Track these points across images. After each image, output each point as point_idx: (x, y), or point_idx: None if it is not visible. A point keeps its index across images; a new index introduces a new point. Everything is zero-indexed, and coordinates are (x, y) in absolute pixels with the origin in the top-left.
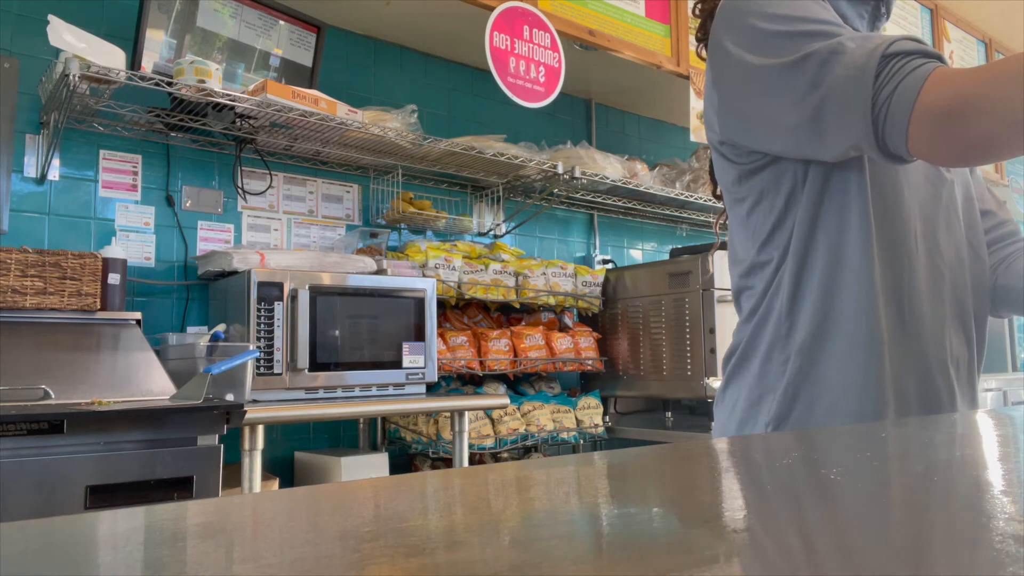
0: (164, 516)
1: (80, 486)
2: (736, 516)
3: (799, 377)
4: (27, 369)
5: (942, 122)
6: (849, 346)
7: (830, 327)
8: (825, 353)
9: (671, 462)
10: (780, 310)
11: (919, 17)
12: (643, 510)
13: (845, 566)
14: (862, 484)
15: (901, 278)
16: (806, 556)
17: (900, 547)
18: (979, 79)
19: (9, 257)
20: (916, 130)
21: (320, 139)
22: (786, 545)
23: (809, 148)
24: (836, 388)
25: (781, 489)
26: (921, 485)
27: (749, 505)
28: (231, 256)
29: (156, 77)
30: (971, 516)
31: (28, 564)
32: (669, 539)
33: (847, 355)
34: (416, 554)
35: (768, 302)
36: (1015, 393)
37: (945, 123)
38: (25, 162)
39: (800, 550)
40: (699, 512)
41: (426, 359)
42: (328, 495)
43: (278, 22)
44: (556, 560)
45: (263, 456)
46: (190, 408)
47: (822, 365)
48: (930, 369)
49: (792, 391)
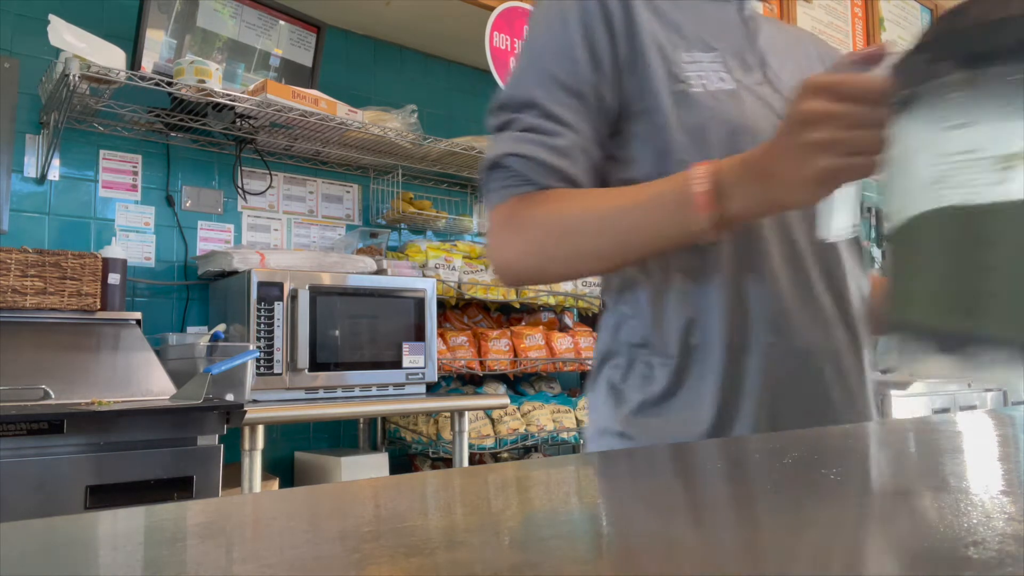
0: (164, 516)
1: (80, 486)
2: (753, 517)
3: (667, 379)
4: (27, 369)
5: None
6: (709, 347)
7: (692, 329)
8: (688, 356)
9: (661, 463)
10: (642, 307)
11: (919, 17)
12: (640, 510)
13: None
14: (861, 484)
15: (761, 270)
16: (790, 554)
17: (900, 546)
18: (532, 238)
19: (9, 257)
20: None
21: (320, 139)
22: (770, 541)
23: None
24: (695, 391)
25: (785, 488)
26: (922, 484)
27: (757, 501)
28: (231, 256)
29: (156, 77)
30: (971, 516)
31: (28, 564)
32: (666, 538)
33: (709, 357)
34: (416, 554)
35: (631, 298)
36: (1015, 393)
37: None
38: (25, 162)
39: (796, 549)
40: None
41: (426, 359)
42: (328, 495)
43: (278, 22)
44: (556, 560)
45: (263, 456)
46: (190, 408)
47: (685, 369)
48: (807, 366)
49: (658, 389)
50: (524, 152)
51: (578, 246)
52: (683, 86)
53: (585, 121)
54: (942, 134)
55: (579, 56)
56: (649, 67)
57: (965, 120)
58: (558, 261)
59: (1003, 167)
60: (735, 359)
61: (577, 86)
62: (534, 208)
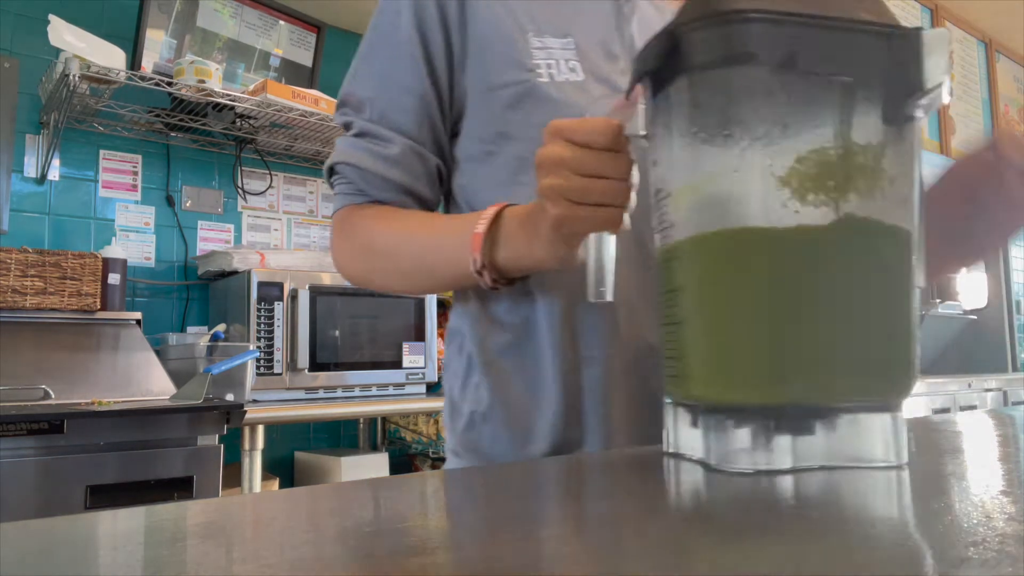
0: (164, 516)
1: (80, 486)
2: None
3: (491, 384)
4: (27, 369)
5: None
6: (541, 357)
7: (523, 333)
8: (516, 361)
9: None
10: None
11: (919, 17)
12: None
13: (842, 566)
14: (862, 484)
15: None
16: (788, 553)
17: (899, 547)
18: (356, 248)
19: (9, 257)
20: None
21: (320, 139)
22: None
23: None
24: (524, 403)
25: (786, 487)
26: (922, 484)
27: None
28: (231, 256)
29: (156, 77)
30: (971, 516)
31: (28, 564)
32: (660, 537)
33: (541, 366)
34: (416, 554)
35: (462, 307)
36: (1015, 393)
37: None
38: (25, 162)
39: (791, 548)
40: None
41: (426, 359)
42: (328, 495)
43: (278, 22)
44: (556, 560)
45: (263, 456)
46: (190, 408)
47: (509, 381)
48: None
49: (484, 397)
50: (356, 162)
51: (388, 267)
52: (529, 76)
53: (422, 124)
54: (703, 149)
55: (414, 53)
56: (487, 60)
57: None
58: (376, 275)
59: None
60: (570, 370)
61: (413, 86)
62: (362, 220)
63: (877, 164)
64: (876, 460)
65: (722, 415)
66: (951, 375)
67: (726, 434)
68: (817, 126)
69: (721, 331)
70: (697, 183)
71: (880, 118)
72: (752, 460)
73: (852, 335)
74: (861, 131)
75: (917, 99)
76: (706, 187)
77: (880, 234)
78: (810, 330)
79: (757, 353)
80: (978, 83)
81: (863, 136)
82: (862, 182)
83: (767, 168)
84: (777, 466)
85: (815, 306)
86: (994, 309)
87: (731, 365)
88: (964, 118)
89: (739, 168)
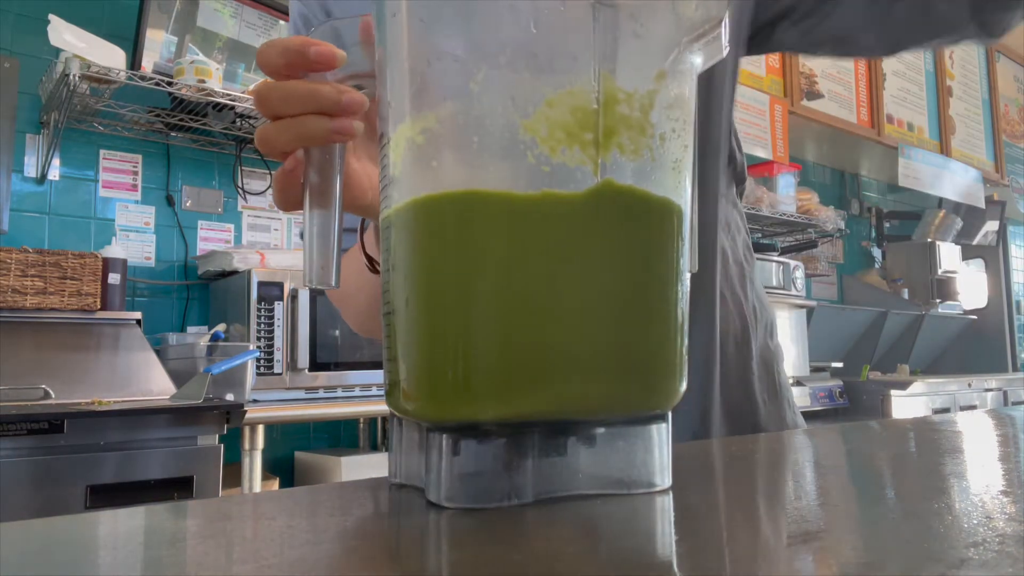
0: (164, 516)
1: (80, 486)
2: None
3: None
4: (27, 369)
5: None
6: None
7: None
8: None
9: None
10: None
11: None
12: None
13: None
14: (862, 484)
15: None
16: (782, 546)
17: (901, 547)
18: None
19: (9, 257)
20: None
21: None
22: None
23: None
24: None
25: (786, 486)
26: (922, 484)
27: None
28: (231, 256)
29: (156, 77)
30: (971, 516)
31: (28, 564)
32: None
33: None
34: (416, 554)
35: None
36: (1015, 393)
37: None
38: (25, 162)
39: (788, 549)
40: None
41: None
42: (328, 495)
43: (278, 22)
44: (556, 560)
45: (263, 456)
46: (190, 408)
47: None
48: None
49: None
50: None
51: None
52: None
53: None
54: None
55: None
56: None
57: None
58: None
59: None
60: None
61: None
62: None
63: (645, 117)
64: (640, 484)
65: (449, 434)
66: (951, 375)
67: (449, 460)
68: (575, 59)
69: (440, 326)
70: (419, 122)
71: (649, 56)
72: (486, 493)
73: (608, 332)
74: (627, 73)
75: (691, 41)
76: (430, 127)
77: (645, 209)
78: (555, 327)
79: (487, 355)
80: (978, 83)
81: (629, 81)
82: (627, 136)
83: (509, 105)
84: (521, 499)
85: (562, 297)
86: (994, 309)
87: (454, 371)
88: (964, 118)
89: (472, 106)
